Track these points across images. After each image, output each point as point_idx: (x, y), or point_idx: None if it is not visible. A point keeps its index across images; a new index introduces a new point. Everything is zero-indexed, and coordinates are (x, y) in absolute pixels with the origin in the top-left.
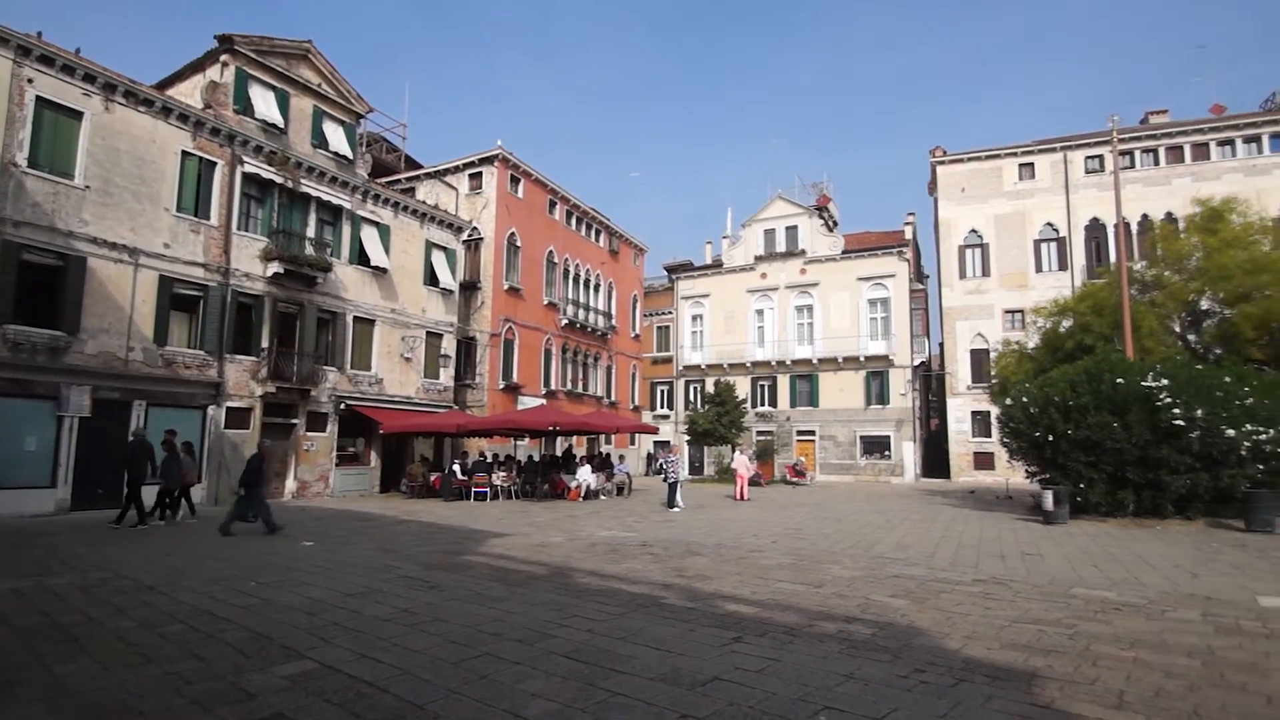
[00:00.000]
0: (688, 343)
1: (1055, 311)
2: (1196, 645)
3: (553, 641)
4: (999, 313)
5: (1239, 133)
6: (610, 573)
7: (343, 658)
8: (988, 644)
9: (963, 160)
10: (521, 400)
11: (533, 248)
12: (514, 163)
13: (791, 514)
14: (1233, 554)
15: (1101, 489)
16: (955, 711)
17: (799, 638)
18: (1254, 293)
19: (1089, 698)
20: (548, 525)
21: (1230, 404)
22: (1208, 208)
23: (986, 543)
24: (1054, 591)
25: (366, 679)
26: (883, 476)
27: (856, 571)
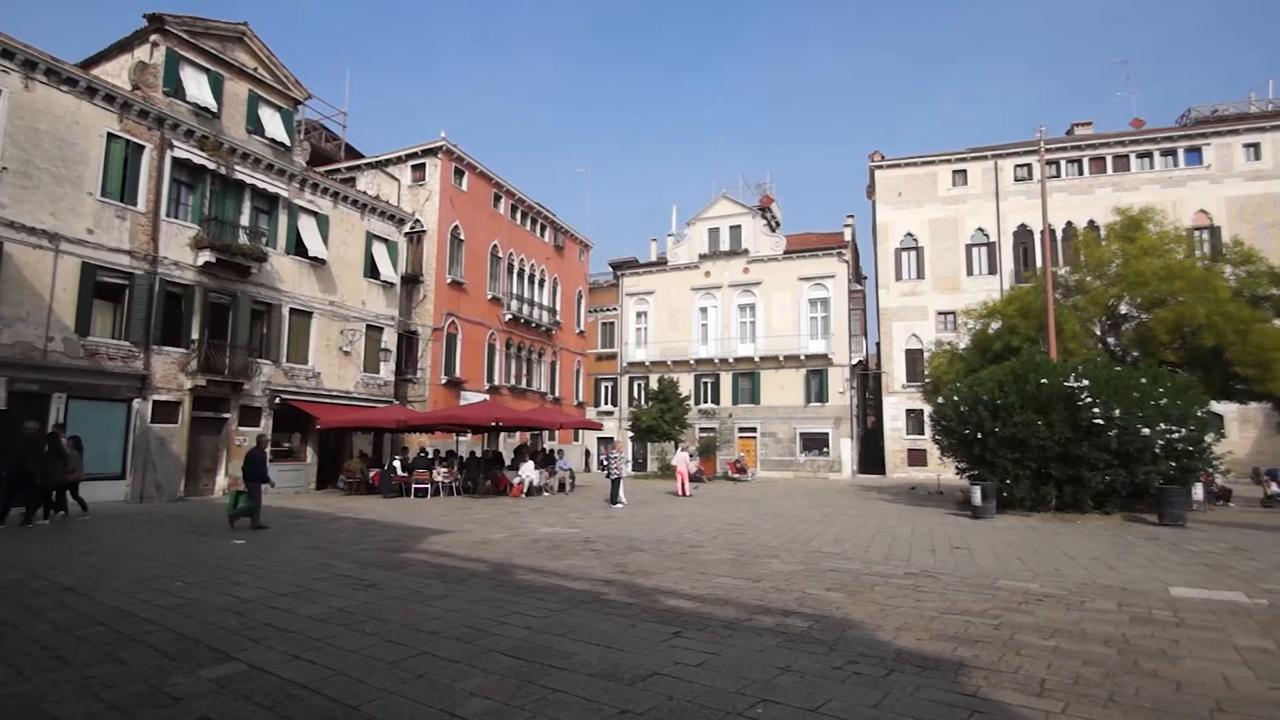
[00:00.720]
0: (632, 339)
1: (985, 314)
2: (1112, 634)
3: (492, 639)
4: (933, 314)
5: (1157, 146)
6: (551, 569)
7: (273, 659)
8: (918, 635)
9: (900, 165)
10: (464, 396)
11: (477, 242)
12: (458, 155)
13: (732, 510)
14: (1146, 547)
15: (1026, 485)
16: (886, 701)
17: (738, 631)
18: (1168, 298)
19: (1012, 686)
20: (489, 522)
21: (1145, 404)
22: (1127, 217)
23: (918, 537)
24: (981, 584)
25: (298, 681)
26: (821, 473)
27: (795, 566)
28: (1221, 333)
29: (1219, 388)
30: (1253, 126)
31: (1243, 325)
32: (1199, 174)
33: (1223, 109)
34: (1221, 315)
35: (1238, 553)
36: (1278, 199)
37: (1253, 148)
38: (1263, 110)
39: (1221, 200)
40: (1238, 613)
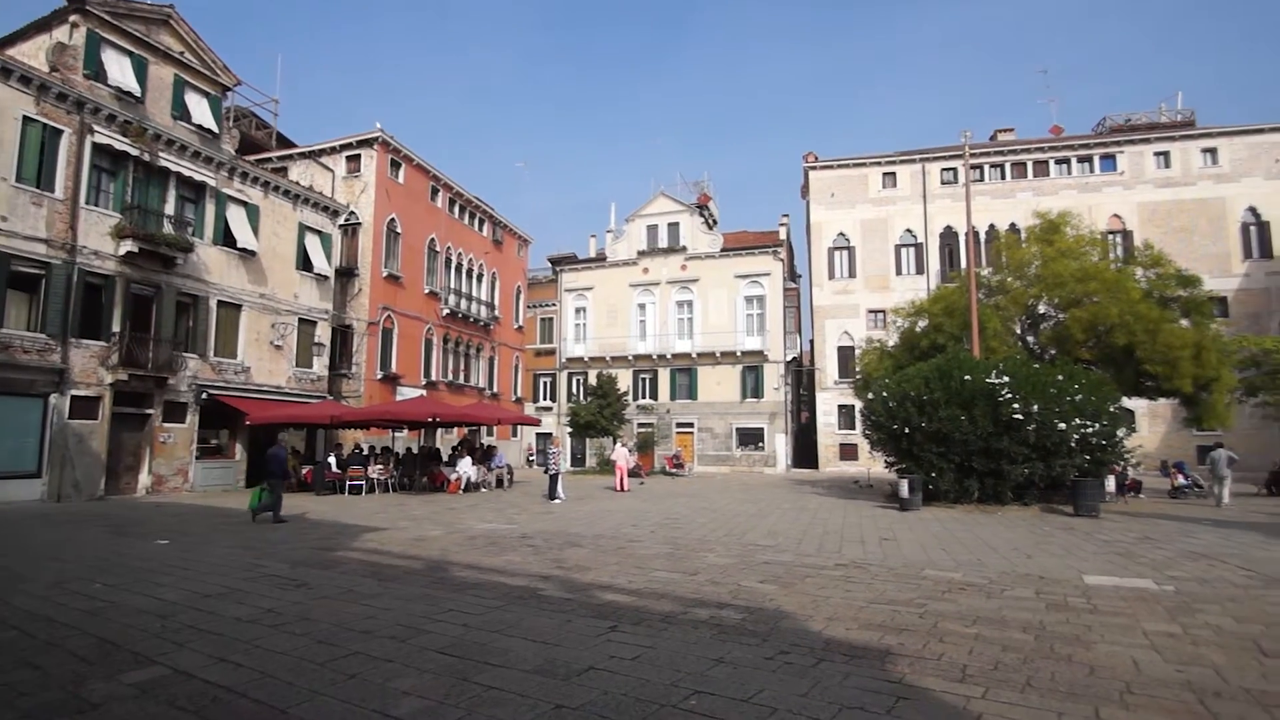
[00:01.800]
0: (571, 335)
1: (912, 312)
2: (1030, 621)
3: (427, 637)
4: (864, 312)
5: (1074, 153)
6: (488, 565)
7: (198, 662)
8: (847, 625)
9: (833, 167)
10: (400, 391)
11: (414, 235)
12: (394, 146)
13: (670, 504)
14: (1062, 537)
15: (951, 477)
16: (815, 690)
17: (673, 625)
18: (1083, 299)
19: (935, 672)
20: (425, 519)
21: (1062, 400)
22: (1046, 220)
23: (849, 529)
24: (907, 574)
25: (224, 684)
26: (756, 467)
27: (729, 559)
28: (1133, 332)
29: (1130, 384)
30: (1163, 136)
31: (1152, 325)
32: (1113, 180)
33: (1135, 118)
34: (1133, 315)
35: (1147, 541)
36: (1185, 205)
37: (1163, 156)
38: (1172, 120)
39: (1134, 205)
40: (1146, 599)
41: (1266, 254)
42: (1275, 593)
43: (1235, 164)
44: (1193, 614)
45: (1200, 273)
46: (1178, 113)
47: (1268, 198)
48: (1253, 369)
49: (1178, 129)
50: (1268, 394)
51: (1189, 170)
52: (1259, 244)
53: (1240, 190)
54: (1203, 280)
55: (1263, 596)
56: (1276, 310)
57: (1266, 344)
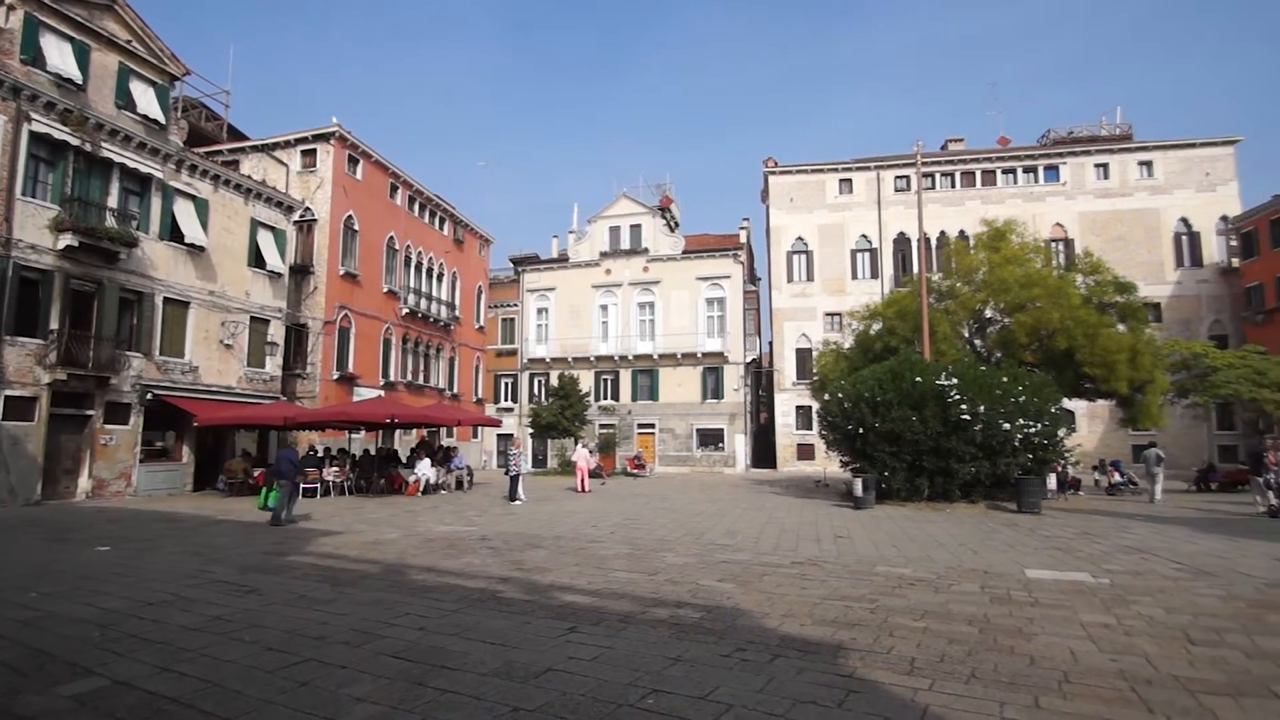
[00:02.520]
0: (532, 336)
1: (867, 316)
2: (975, 614)
3: (382, 642)
4: (821, 315)
5: (1020, 163)
6: (447, 568)
7: (140, 673)
8: (801, 621)
9: (791, 172)
10: (358, 391)
11: (372, 233)
12: (352, 142)
13: (630, 505)
14: (1006, 533)
15: (902, 476)
16: (770, 685)
17: (632, 625)
18: (1027, 304)
19: (885, 665)
20: (382, 522)
21: (1006, 401)
22: (992, 228)
23: (805, 527)
24: (860, 570)
25: (168, 694)
26: (716, 467)
27: (689, 558)
28: (1073, 336)
29: (1070, 386)
30: (1103, 149)
31: (1091, 330)
32: (1056, 190)
33: (1078, 131)
34: (1073, 320)
35: (1085, 537)
36: (1123, 215)
37: (1102, 168)
38: (1111, 134)
39: (1075, 215)
40: (1084, 591)
41: (1197, 263)
42: (1203, 584)
43: (1169, 176)
44: (1126, 606)
45: (1136, 280)
46: (1117, 126)
47: (1198, 209)
48: (1183, 372)
49: (1116, 142)
50: (1197, 396)
51: (1126, 182)
52: (1190, 253)
53: (1173, 202)
54: (1138, 287)
55: (1191, 588)
56: (1206, 316)
57: (1196, 348)
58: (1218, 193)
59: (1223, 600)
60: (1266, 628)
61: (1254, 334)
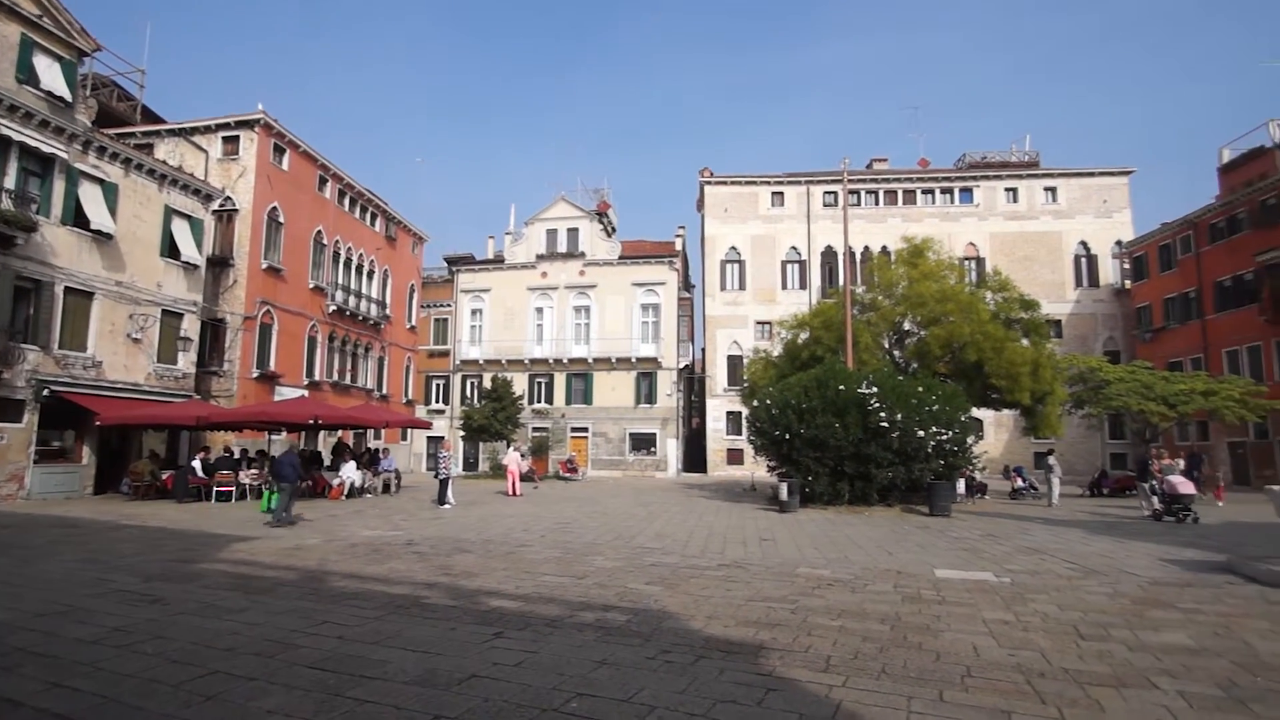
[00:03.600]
0: (466, 337)
1: (795, 325)
2: (888, 612)
3: (297, 652)
4: (752, 323)
5: (938, 185)
6: (370, 574)
7: (29, 689)
8: (725, 622)
9: (726, 183)
10: (279, 391)
11: (298, 226)
12: (278, 130)
13: (562, 509)
14: (919, 535)
15: (825, 481)
16: (693, 686)
17: (559, 629)
18: (942, 318)
19: (803, 664)
20: (302, 526)
21: (921, 409)
22: (912, 245)
23: (732, 531)
24: (783, 572)
25: (59, 711)
26: (649, 471)
27: (618, 562)
28: (982, 349)
29: (979, 396)
30: (1012, 174)
31: (998, 344)
32: (970, 211)
33: (990, 156)
34: (982, 334)
35: (989, 538)
36: (1029, 236)
37: (1012, 192)
38: (1020, 160)
39: (986, 235)
40: (987, 590)
41: (1094, 283)
42: (1093, 583)
43: (1071, 202)
44: (1025, 603)
45: (1039, 298)
46: (1025, 154)
47: (1096, 234)
48: (1080, 385)
49: (1025, 169)
50: (1091, 407)
51: (1033, 206)
52: (1088, 274)
53: (1074, 226)
54: (1041, 305)
55: (1083, 586)
56: (1101, 333)
57: (1091, 363)
58: (1114, 219)
59: (1110, 597)
60: (1147, 623)
61: (1143, 350)
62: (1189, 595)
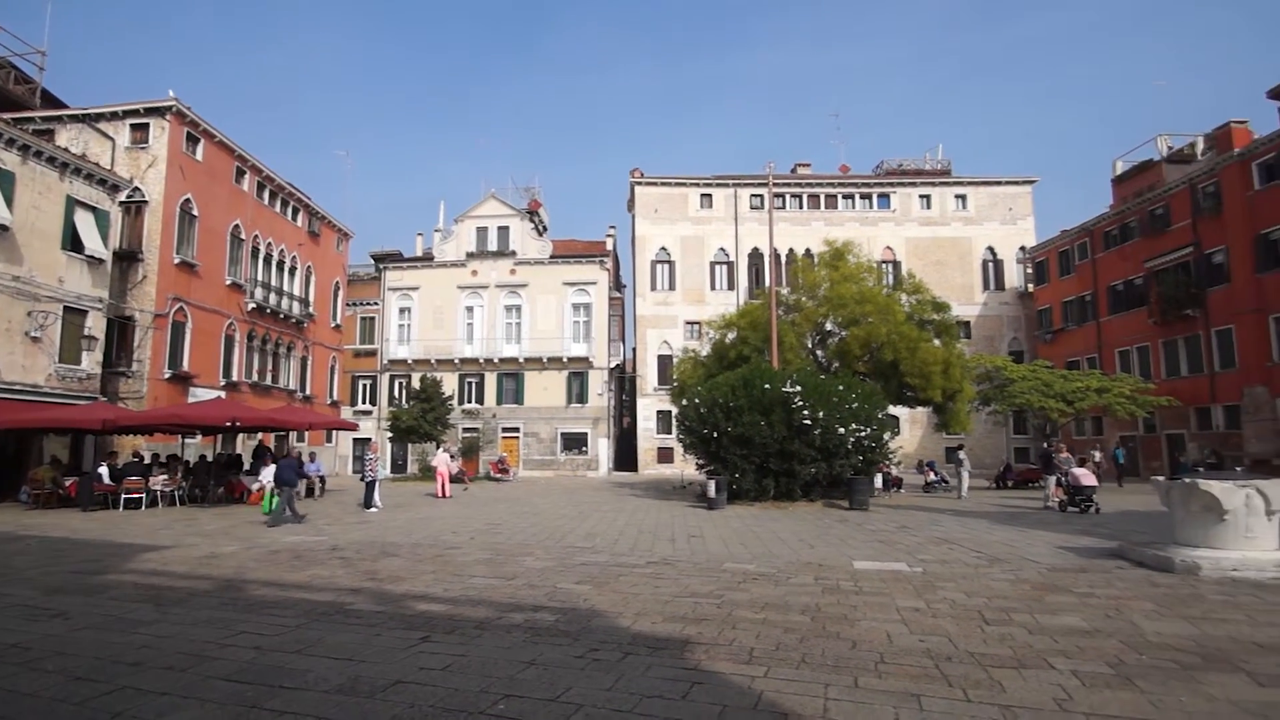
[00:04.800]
0: (394, 336)
1: (723, 325)
2: (808, 604)
3: (212, 664)
4: (682, 323)
5: (858, 190)
6: (291, 581)
7: None
8: (653, 619)
9: (657, 184)
10: (194, 392)
11: (214, 219)
12: (192, 118)
13: (492, 510)
14: (839, 528)
15: (751, 477)
16: (620, 683)
17: (487, 631)
18: (861, 319)
19: (727, 656)
20: (219, 534)
21: (842, 407)
22: (833, 248)
23: (661, 528)
24: (710, 568)
25: None
26: (580, 471)
27: (548, 562)
28: (898, 349)
29: (895, 394)
30: (926, 182)
31: (913, 344)
32: (887, 216)
33: (906, 164)
34: (898, 335)
35: (903, 530)
36: (941, 241)
37: (926, 198)
38: (934, 169)
39: (903, 240)
40: (901, 579)
41: (1000, 286)
42: (997, 570)
43: (979, 210)
44: (934, 591)
45: (950, 300)
46: (939, 162)
47: (1002, 240)
48: (986, 383)
49: (938, 177)
50: (997, 404)
51: (945, 212)
52: (995, 278)
53: (983, 232)
54: (952, 307)
55: (987, 573)
56: (1006, 334)
57: (997, 362)
58: (1018, 226)
59: (1012, 584)
60: (1045, 607)
61: (1044, 350)
62: (1083, 580)
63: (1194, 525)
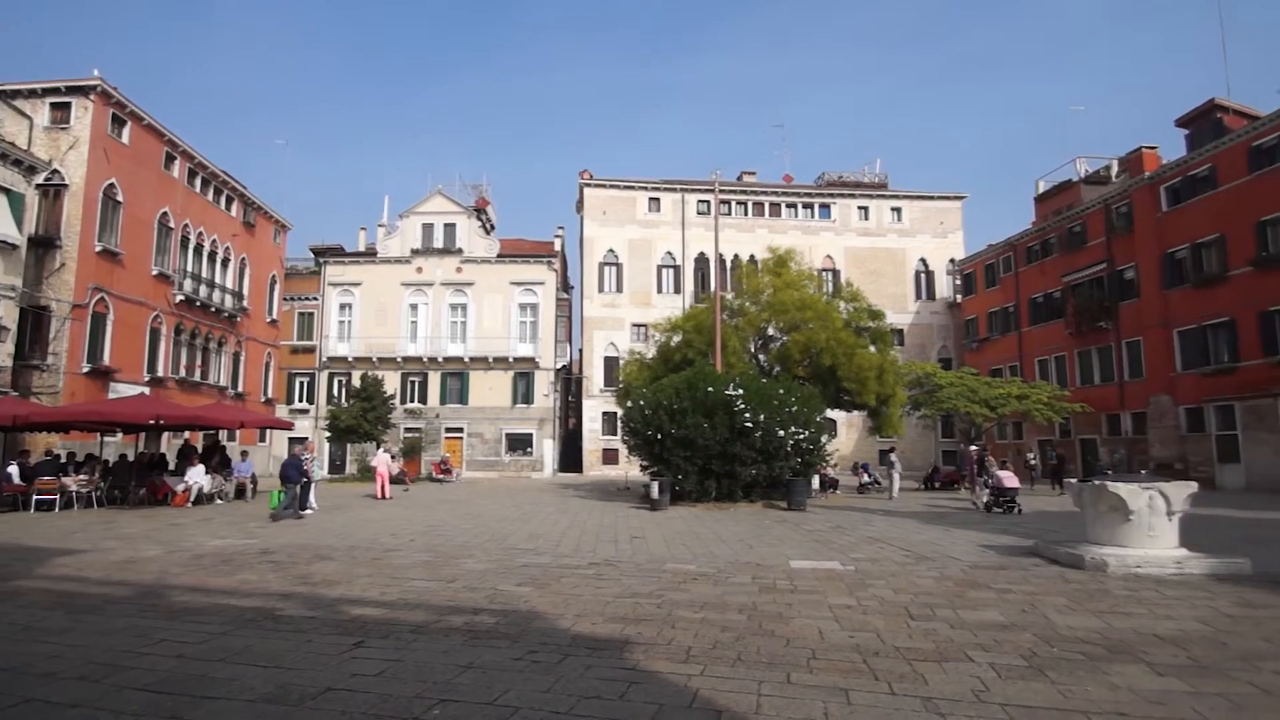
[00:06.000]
0: (334, 332)
1: (668, 328)
2: (745, 603)
3: (129, 675)
4: (628, 325)
5: (800, 200)
6: (217, 587)
7: None
8: (593, 620)
9: (605, 186)
10: (115, 388)
11: (141, 206)
12: (118, 100)
13: (433, 511)
14: (778, 528)
15: (694, 479)
16: (558, 685)
17: (424, 635)
18: (801, 325)
19: (665, 656)
20: (140, 537)
21: (782, 410)
22: (776, 255)
23: (604, 529)
24: (651, 568)
25: None
26: (524, 472)
27: (489, 564)
28: (835, 355)
29: (832, 398)
30: (865, 193)
31: (850, 350)
32: (828, 226)
33: (846, 176)
34: (836, 341)
35: (838, 530)
36: (878, 252)
37: (864, 210)
38: (872, 181)
39: (842, 249)
40: (834, 578)
41: (931, 297)
42: (923, 568)
43: (913, 222)
44: (865, 588)
45: (885, 308)
46: (877, 175)
47: (934, 252)
48: (917, 389)
49: (875, 189)
50: (927, 409)
51: (881, 224)
52: (926, 288)
53: (916, 244)
54: (886, 315)
55: (915, 571)
56: (936, 342)
57: (927, 368)
58: (948, 239)
59: (937, 581)
60: (967, 602)
61: (970, 358)
62: (1002, 577)
63: (1103, 525)
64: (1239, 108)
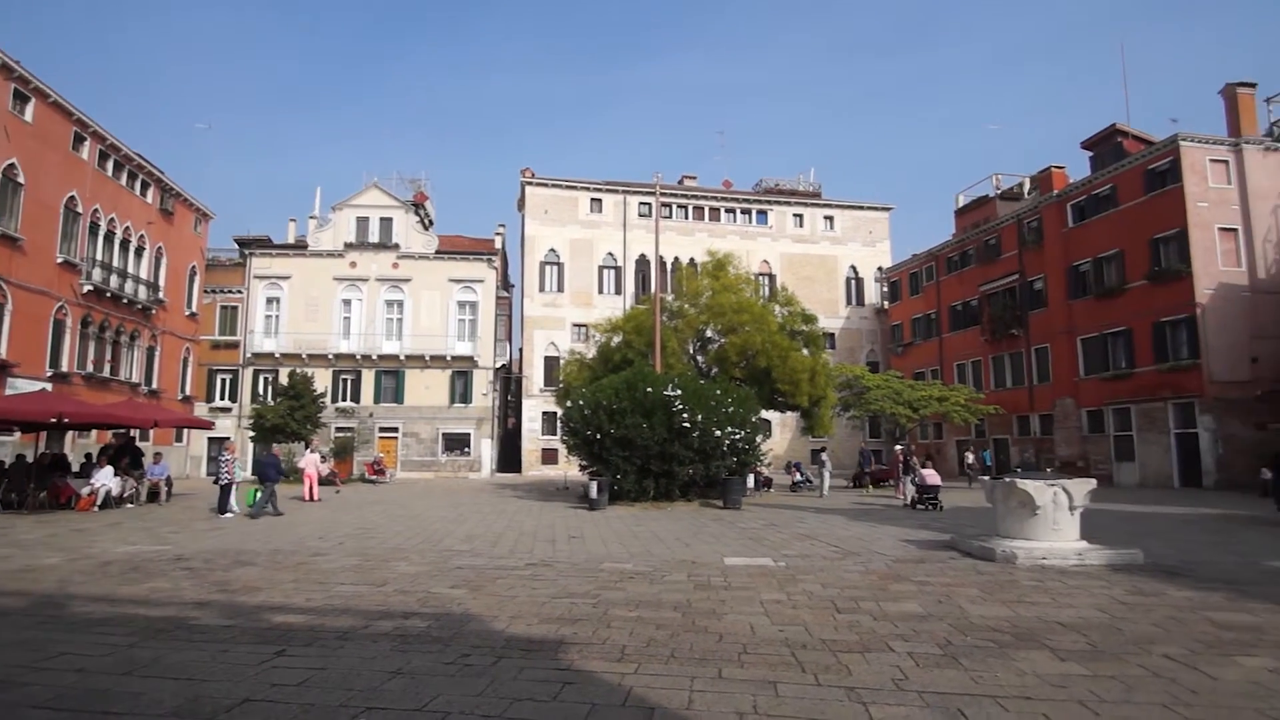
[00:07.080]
0: (260, 327)
1: (609, 329)
2: (680, 600)
3: (24, 691)
4: (569, 325)
5: (739, 205)
6: (125, 596)
7: None
8: (528, 621)
9: (547, 185)
10: (13, 384)
11: (44, 189)
12: (21, 74)
13: (365, 513)
14: (714, 526)
15: (633, 478)
16: (491, 688)
17: (351, 641)
18: (738, 327)
19: (599, 655)
20: (38, 544)
21: (719, 411)
22: (715, 259)
23: (542, 530)
24: (588, 568)
25: None
26: (462, 472)
27: (422, 567)
28: (770, 357)
29: (767, 399)
30: (800, 201)
31: (784, 352)
32: (765, 231)
33: (783, 184)
34: (771, 343)
35: (771, 527)
36: (811, 258)
37: (799, 217)
38: (807, 190)
39: (778, 254)
40: (766, 574)
41: (860, 302)
42: (850, 563)
43: (844, 231)
44: (795, 584)
45: (818, 313)
46: (811, 184)
47: (863, 260)
48: (847, 390)
49: (810, 198)
50: (855, 410)
51: (815, 231)
52: (856, 294)
53: (847, 252)
54: (819, 319)
55: (842, 566)
56: (865, 346)
57: (856, 371)
58: (877, 248)
59: (862, 575)
60: (889, 595)
61: (896, 362)
62: (921, 570)
63: (1012, 519)
64: (1137, 133)
